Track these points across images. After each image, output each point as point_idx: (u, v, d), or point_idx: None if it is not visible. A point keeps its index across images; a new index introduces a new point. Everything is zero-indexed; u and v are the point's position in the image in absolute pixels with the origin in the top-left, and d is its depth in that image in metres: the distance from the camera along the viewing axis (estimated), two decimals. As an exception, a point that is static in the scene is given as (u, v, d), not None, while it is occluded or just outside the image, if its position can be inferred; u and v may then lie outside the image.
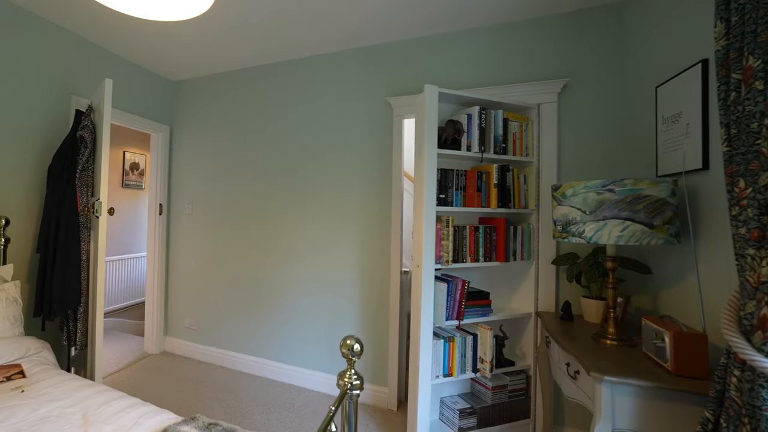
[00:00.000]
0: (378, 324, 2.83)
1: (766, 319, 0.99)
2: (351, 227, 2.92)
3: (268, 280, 3.23)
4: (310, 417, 2.59)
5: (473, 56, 2.59)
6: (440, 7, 2.36)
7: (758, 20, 1.06)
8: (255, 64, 3.31)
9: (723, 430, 1.15)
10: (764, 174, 1.01)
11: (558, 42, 2.40)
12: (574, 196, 1.63)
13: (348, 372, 1.06)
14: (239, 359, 3.31)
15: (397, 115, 2.69)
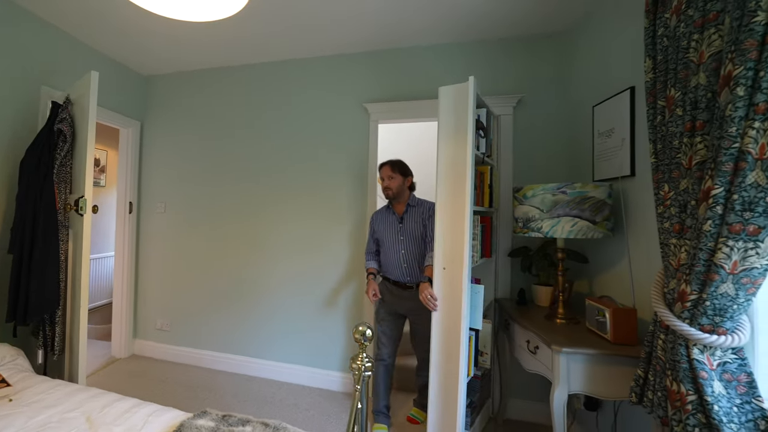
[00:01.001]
0: (356, 318, 2.91)
1: (685, 294, 1.22)
2: (329, 226, 2.98)
3: (247, 279, 3.17)
4: (292, 409, 2.61)
5: (449, 68, 2.75)
6: (422, 25, 2.53)
7: (678, 61, 1.30)
8: (233, 64, 3.23)
9: (650, 382, 1.39)
10: (683, 180, 1.25)
11: (515, 61, 2.64)
12: (534, 197, 1.84)
13: (360, 355, 1.14)
14: (217, 358, 3.22)
15: (373, 120, 2.80)
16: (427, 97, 2.73)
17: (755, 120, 1.04)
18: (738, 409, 1.16)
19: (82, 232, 1.99)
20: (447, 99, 1.84)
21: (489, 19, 2.45)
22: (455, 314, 1.75)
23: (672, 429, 1.26)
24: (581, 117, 2.37)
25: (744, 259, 1.10)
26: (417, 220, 2.32)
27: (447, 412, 1.81)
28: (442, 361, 1.85)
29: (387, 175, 2.35)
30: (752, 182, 1.06)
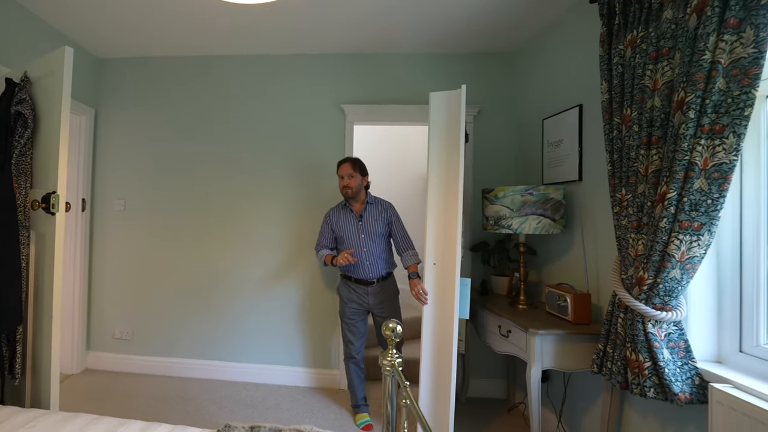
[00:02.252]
0: (326, 314, 2.83)
1: (642, 279, 1.41)
2: (301, 225, 2.85)
3: (217, 280, 2.90)
4: (275, 409, 2.45)
5: (423, 76, 2.80)
6: (402, 35, 2.55)
7: (634, 86, 1.48)
8: (203, 53, 2.91)
9: (609, 355, 1.58)
10: (641, 185, 1.44)
11: (478, 74, 2.78)
12: (505, 198, 1.96)
13: (390, 351, 1.12)
14: (188, 365, 2.89)
15: (349, 121, 2.74)
16: (402, 102, 2.77)
17: (702, 138, 1.24)
18: (680, 370, 1.38)
19: (54, 234, 1.61)
20: (438, 104, 1.87)
21: (460, 35, 2.56)
22: (448, 306, 1.80)
23: (632, 391, 1.44)
24: (532, 128, 2.58)
25: (689, 249, 1.30)
26: (377, 218, 2.27)
27: (440, 398, 1.86)
28: (433, 351, 1.89)
29: (348, 173, 2.23)
30: (698, 188, 1.26)
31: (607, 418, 1.73)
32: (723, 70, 1.20)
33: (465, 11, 2.27)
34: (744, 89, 1.17)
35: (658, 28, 1.40)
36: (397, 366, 1.08)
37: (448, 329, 1.80)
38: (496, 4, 2.18)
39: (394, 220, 2.31)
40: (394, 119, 2.76)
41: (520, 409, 2.50)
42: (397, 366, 1.08)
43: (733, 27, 1.18)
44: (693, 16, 1.26)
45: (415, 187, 3.98)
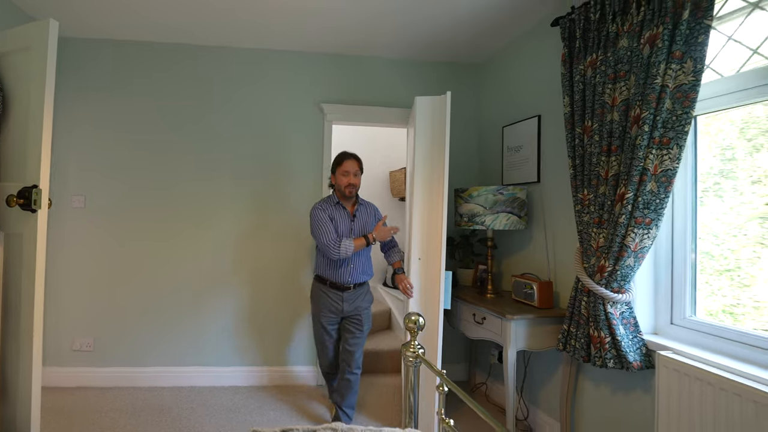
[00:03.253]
0: (295, 313, 2.72)
1: (603, 267, 1.58)
2: (279, 223, 2.71)
3: (189, 282, 2.64)
4: (258, 411, 2.31)
5: (401, 81, 2.83)
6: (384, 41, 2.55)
7: (594, 101, 1.65)
8: (181, 41, 2.62)
9: (573, 333, 1.74)
10: (601, 187, 1.61)
11: (448, 82, 2.88)
12: (479, 197, 2.06)
13: (413, 342, 1.11)
14: (159, 373, 2.58)
15: (328, 120, 2.64)
16: (379, 104, 2.77)
17: (653, 148, 1.42)
18: (631, 342, 1.57)
19: (36, 234, 1.32)
20: (424, 108, 1.90)
21: (432, 47, 2.65)
22: (432, 298, 1.84)
23: (594, 363, 1.61)
24: (493, 134, 2.74)
25: (641, 240, 1.49)
26: (367, 220, 2.11)
27: (427, 385, 1.90)
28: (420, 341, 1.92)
29: (354, 170, 2.01)
30: (650, 189, 1.45)
31: (566, 389, 1.91)
32: (670, 92, 1.39)
33: (435, 27, 2.36)
34: (685, 110, 1.38)
35: (615, 54, 1.58)
36: (422, 356, 1.09)
37: (433, 320, 1.85)
38: (463, 22, 2.28)
39: (383, 222, 2.15)
40: (371, 120, 2.75)
41: (482, 390, 2.65)
42: (422, 356, 1.09)
43: (678, 58, 1.37)
44: (646, 46, 1.45)
45: (382, 186, 3.99)
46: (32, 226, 1.37)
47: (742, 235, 1.44)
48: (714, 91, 1.44)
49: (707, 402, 1.30)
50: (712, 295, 1.53)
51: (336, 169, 2.05)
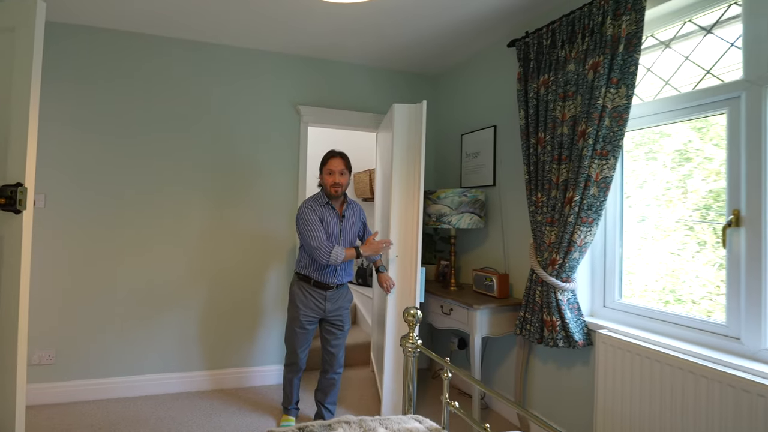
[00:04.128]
0: (272, 313, 2.62)
1: (555, 260, 1.75)
2: (256, 225, 2.58)
3: (158, 286, 2.40)
4: (239, 414, 2.15)
5: (374, 87, 2.84)
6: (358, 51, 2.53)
7: (547, 116, 1.83)
8: (157, 33, 2.37)
9: (528, 319, 1.91)
10: (553, 191, 1.78)
11: (413, 91, 2.97)
12: (446, 198, 2.16)
13: (411, 334, 1.13)
14: (132, 383, 2.35)
15: (304, 122, 2.56)
16: (351, 108, 2.77)
17: (595, 159, 1.62)
18: (576, 324, 1.77)
19: (21, 237, 1.14)
20: (402, 115, 1.94)
21: (405, 59, 2.73)
22: (407, 292, 1.88)
23: (546, 344, 1.78)
24: (452, 141, 2.87)
25: (585, 237, 1.68)
26: (354, 220, 2.04)
27: (402, 378, 1.93)
28: (397, 333, 1.95)
29: (340, 169, 1.89)
30: (592, 193, 1.64)
31: (520, 368, 2.09)
32: (608, 112, 1.59)
33: (399, 42, 2.44)
34: (620, 127, 1.58)
35: (564, 76, 1.77)
36: (421, 346, 1.12)
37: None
38: (425, 40, 2.39)
39: (365, 223, 2.15)
40: (344, 124, 2.73)
41: (442, 376, 2.77)
42: (421, 346, 1.12)
43: (615, 84, 1.58)
44: (590, 71, 1.64)
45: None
46: (15, 228, 1.17)
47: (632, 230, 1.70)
48: (638, 113, 1.68)
49: (635, 369, 1.51)
50: (632, 282, 1.79)
51: (322, 168, 1.96)
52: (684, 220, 1.61)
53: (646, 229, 1.73)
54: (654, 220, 1.70)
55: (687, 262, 1.60)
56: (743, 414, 1.21)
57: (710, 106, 1.47)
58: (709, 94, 1.47)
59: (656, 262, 1.70)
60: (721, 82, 1.46)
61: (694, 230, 1.59)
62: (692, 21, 1.57)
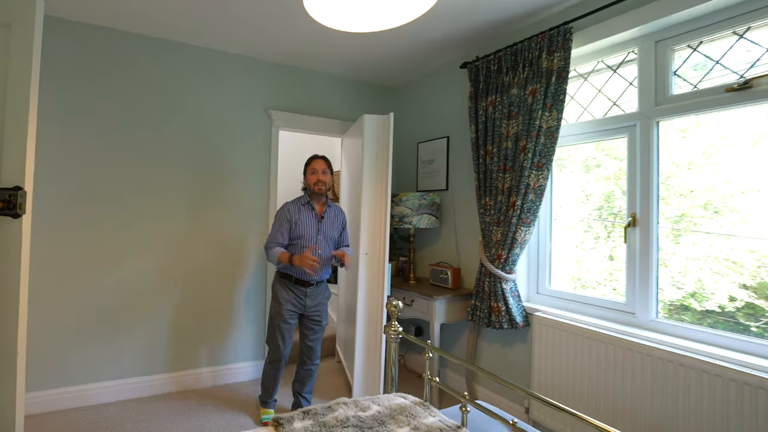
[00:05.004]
0: (244, 311, 2.52)
1: (501, 256, 1.98)
2: (225, 224, 2.47)
3: (124, 288, 2.22)
4: (218, 412, 2.03)
5: (342, 96, 2.87)
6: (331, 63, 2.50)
7: (494, 131, 2.05)
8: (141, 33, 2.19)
9: (478, 306, 2.12)
10: (500, 196, 2.00)
11: (377, 101, 3.05)
12: (408, 201, 2.29)
13: (393, 323, 1.21)
14: (100, 389, 2.14)
15: (276, 126, 2.49)
16: (320, 115, 2.78)
17: (533, 170, 1.86)
18: (517, 309, 2.02)
19: (20, 242, 1.08)
20: (371, 125, 2.01)
21: (367, 71, 2.80)
22: (378, 286, 1.96)
23: (493, 327, 2.01)
24: (409, 149, 3.01)
25: (524, 235, 1.93)
26: (334, 221, 2.04)
27: (372, 365, 2.00)
28: (367, 324, 2.02)
29: (322, 168, 1.98)
30: (531, 198, 1.89)
31: (470, 349, 2.30)
32: (544, 131, 1.85)
33: (371, 56, 2.52)
34: (552, 144, 1.85)
35: (508, 98, 1.99)
36: (403, 333, 1.22)
37: (377, 305, 1.99)
38: (385, 58, 2.51)
39: (346, 225, 2.13)
40: (313, 129, 2.72)
41: (400, 361, 2.92)
42: (403, 333, 1.22)
43: (548, 108, 1.83)
44: (530, 96, 1.88)
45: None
46: (14, 232, 1.09)
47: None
48: (564, 133, 1.97)
49: (562, 342, 1.79)
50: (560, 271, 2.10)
51: (306, 170, 2.03)
52: (591, 219, 1.94)
53: (564, 228, 2.05)
54: (570, 221, 2.02)
55: (587, 254, 1.94)
56: (639, 370, 1.52)
57: (615, 131, 1.80)
58: (614, 122, 1.79)
59: (569, 255, 2.01)
60: (623, 112, 1.79)
61: (592, 227, 1.93)
62: (603, 61, 1.89)
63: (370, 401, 1.25)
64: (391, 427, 1.12)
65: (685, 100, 1.57)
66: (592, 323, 1.72)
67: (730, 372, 1.29)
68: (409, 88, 3.07)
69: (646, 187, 1.66)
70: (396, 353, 1.30)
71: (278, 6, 1.91)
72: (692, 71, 1.59)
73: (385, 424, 1.13)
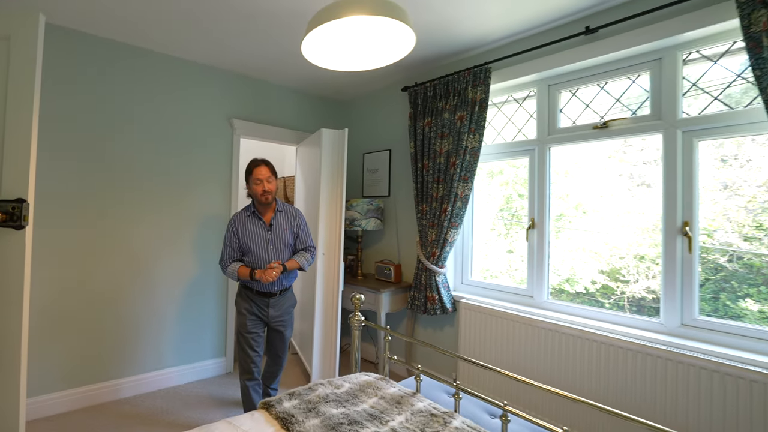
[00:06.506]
0: (217, 308, 2.34)
1: (435, 253, 2.18)
2: (185, 231, 2.31)
3: (89, 294, 2.02)
4: (202, 409, 1.79)
5: (295, 108, 2.84)
6: (284, 77, 2.38)
7: (430, 148, 2.25)
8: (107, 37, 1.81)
9: (417, 297, 2.31)
10: (434, 203, 2.21)
11: (328, 113, 3.07)
12: (358, 206, 2.37)
13: (356, 313, 1.30)
14: (65, 397, 1.95)
15: (237, 134, 2.37)
16: (277, 125, 2.73)
17: (460, 182, 2.10)
18: (447, 298, 2.25)
19: (23, 253, 1.05)
20: (327, 138, 2.07)
21: (318, 86, 2.80)
22: (333, 282, 2.01)
23: (429, 314, 2.21)
24: (356, 158, 3.10)
25: (453, 236, 2.16)
26: (286, 226, 1.83)
27: (328, 354, 2.04)
28: (324, 317, 2.06)
29: (266, 177, 1.74)
30: (459, 206, 2.13)
31: (408, 333, 2.49)
32: (469, 150, 2.09)
33: (326, 74, 2.55)
34: (475, 161, 2.10)
35: (441, 121, 2.21)
36: (366, 321, 1.35)
37: (333, 300, 2.05)
38: (342, 74, 2.56)
39: (303, 227, 1.90)
40: (272, 138, 2.66)
41: (347, 351, 3.00)
42: (366, 321, 1.35)
43: (472, 132, 2.08)
44: (459, 121, 2.11)
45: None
46: (17, 244, 1.07)
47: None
48: (484, 152, 2.26)
49: (482, 323, 2.06)
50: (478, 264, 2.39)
51: (248, 178, 1.79)
52: (496, 219, 2.26)
53: (480, 228, 2.35)
54: (483, 221, 2.32)
55: (492, 249, 2.27)
56: (536, 340, 1.83)
57: (520, 152, 2.12)
58: (519, 145, 2.11)
59: (483, 251, 2.32)
60: (525, 138, 2.12)
61: (496, 226, 2.27)
62: (512, 96, 2.21)
63: (342, 380, 1.37)
64: (363, 398, 1.26)
65: (567, 132, 1.93)
66: (504, 306, 2.02)
67: (592, 335, 1.65)
68: (358, 104, 3.16)
69: (542, 198, 2.00)
70: (359, 340, 1.41)
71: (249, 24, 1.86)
72: (572, 110, 1.97)
73: (357, 397, 1.28)
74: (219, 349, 2.53)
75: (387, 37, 1.06)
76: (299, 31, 1.92)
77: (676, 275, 1.56)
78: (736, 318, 1.49)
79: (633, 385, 1.53)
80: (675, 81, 1.59)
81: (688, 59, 1.59)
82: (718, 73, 1.53)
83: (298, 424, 1.11)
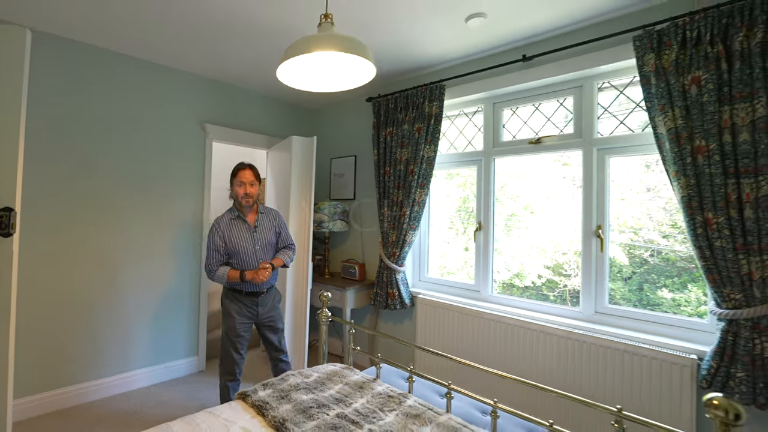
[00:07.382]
0: (190, 308, 2.22)
1: (395, 253, 2.28)
2: (163, 232, 2.23)
3: (63, 295, 1.92)
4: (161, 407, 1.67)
5: (267, 114, 2.80)
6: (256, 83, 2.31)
7: (391, 156, 2.34)
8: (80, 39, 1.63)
9: (379, 293, 2.39)
10: (394, 207, 2.30)
11: (297, 120, 3.05)
12: (325, 208, 2.41)
13: (324, 309, 1.39)
14: (41, 400, 1.86)
15: (209, 138, 2.29)
16: (248, 130, 2.69)
17: (417, 188, 2.21)
18: (406, 294, 2.35)
19: (11, 260, 1.02)
20: (297, 145, 2.10)
21: (288, 93, 2.75)
22: (303, 281, 2.05)
23: (390, 309, 2.30)
24: (324, 163, 3.12)
25: (412, 237, 2.27)
26: (269, 227, 1.83)
27: (298, 348, 2.07)
28: (295, 312, 2.07)
29: (250, 180, 1.73)
30: (416, 210, 2.24)
31: (372, 327, 2.57)
32: (425, 159, 2.21)
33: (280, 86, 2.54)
34: (431, 169, 2.22)
35: (402, 132, 2.31)
36: (333, 317, 1.43)
37: (302, 297, 2.08)
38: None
39: (283, 226, 1.91)
40: (243, 142, 2.61)
41: (315, 346, 3.02)
42: (333, 317, 1.43)
43: (429, 143, 2.20)
44: (417, 132, 2.22)
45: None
46: (5, 251, 1.06)
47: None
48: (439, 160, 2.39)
49: (437, 316, 2.18)
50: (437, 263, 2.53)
51: (232, 180, 1.78)
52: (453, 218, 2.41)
53: (437, 228, 2.49)
54: (440, 221, 2.47)
55: (449, 246, 2.42)
56: (482, 330, 1.99)
57: (470, 162, 2.28)
58: (469, 155, 2.27)
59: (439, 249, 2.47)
60: (474, 149, 2.28)
61: (454, 224, 2.42)
62: (463, 111, 2.36)
63: (310, 371, 1.44)
64: (330, 385, 1.35)
65: (509, 146, 2.11)
66: (455, 300, 2.16)
67: (527, 324, 1.83)
68: (326, 111, 3.18)
69: (487, 203, 2.17)
70: (327, 334, 1.48)
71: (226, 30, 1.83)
72: (513, 125, 2.15)
73: (325, 384, 1.36)
74: (191, 348, 2.45)
75: (352, 67, 1.15)
76: (275, 38, 1.91)
77: (591, 270, 1.77)
78: (655, 306, 1.62)
79: (559, 364, 1.73)
80: (592, 105, 1.81)
81: (603, 87, 1.82)
82: (631, 97, 1.76)
83: (273, 409, 1.16)
